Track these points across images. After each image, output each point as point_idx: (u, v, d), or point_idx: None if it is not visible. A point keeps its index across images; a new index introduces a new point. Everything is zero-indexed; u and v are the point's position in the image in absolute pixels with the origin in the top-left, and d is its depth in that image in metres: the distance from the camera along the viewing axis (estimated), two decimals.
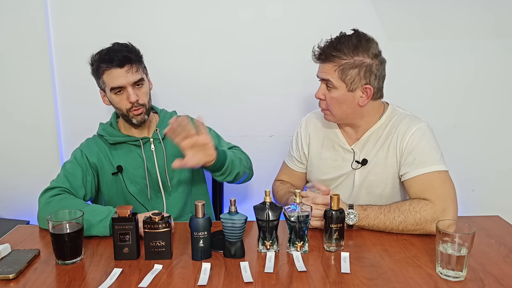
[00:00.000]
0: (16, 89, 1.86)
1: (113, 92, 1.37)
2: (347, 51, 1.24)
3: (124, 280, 0.98)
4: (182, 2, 1.81)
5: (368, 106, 1.31)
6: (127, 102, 1.37)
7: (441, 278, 0.98)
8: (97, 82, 1.42)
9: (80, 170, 1.39)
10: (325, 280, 0.97)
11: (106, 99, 1.44)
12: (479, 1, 1.80)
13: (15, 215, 1.94)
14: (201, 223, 1.06)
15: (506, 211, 1.49)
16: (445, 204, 1.18)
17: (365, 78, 1.26)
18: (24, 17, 1.79)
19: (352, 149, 1.39)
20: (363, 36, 1.25)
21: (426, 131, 1.29)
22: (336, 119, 1.37)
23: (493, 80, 1.89)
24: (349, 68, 1.24)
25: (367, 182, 1.37)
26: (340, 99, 1.29)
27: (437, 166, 1.24)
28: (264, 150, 1.96)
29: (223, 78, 1.88)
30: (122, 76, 1.34)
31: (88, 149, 1.45)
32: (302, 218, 1.07)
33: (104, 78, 1.36)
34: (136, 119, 1.41)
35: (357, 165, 1.38)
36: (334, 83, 1.27)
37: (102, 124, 1.51)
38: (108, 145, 1.45)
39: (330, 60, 1.26)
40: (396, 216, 1.19)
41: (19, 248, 1.14)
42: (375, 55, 1.26)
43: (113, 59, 1.33)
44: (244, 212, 1.09)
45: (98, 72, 1.37)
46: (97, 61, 1.37)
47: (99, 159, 1.43)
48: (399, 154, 1.31)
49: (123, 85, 1.35)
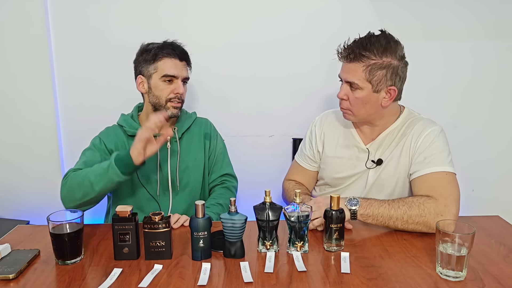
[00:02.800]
0: (16, 90, 1.86)
1: (163, 79, 1.43)
2: (376, 52, 1.24)
3: (124, 280, 0.98)
4: (182, 2, 1.81)
5: (389, 107, 1.33)
6: (171, 92, 1.44)
7: (441, 278, 0.98)
8: (141, 67, 1.46)
9: (98, 155, 1.42)
10: (325, 280, 0.97)
11: (144, 85, 1.47)
12: (478, 1, 1.81)
13: (15, 215, 1.95)
14: (201, 223, 1.06)
15: (506, 211, 1.49)
16: (447, 201, 1.19)
17: (391, 80, 1.27)
18: (24, 17, 1.79)
19: (367, 149, 1.40)
20: (391, 38, 1.27)
21: (440, 134, 1.32)
22: (357, 119, 1.38)
23: (493, 80, 1.89)
24: (377, 69, 1.25)
25: (379, 181, 1.38)
26: (365, 100, 1.29)
27: (445, 167, 1.25)
28: (264, 150, 1.96)
29: (223, 78, 1.89)
30: (179, 67, 1.45)
31: (106, 136, 1.49)
32: (302, 218, 1.07)
33: (160, 63, 1.43)
34: (171, 111, 1.46)
35: (371, 164, 1.39)
36: (359, 84, 1.27)
37: (123, 115, 1.55)
38: (126, 135, 1.49)
39: (359, 59, 1.25)
40: (401, 205, 1.19)
41: (19, 248, 1.13)
42: (401, 57, 1.28)
43: (176, 51, 1.45)
44: (244, 212, 1.09)
45: (155, 56, 1.43)
46: (156, 48, 1.44)
47: (116, 146, 1.47)
48: (411, 154, 1.33)
49: (176, 75, 1.44)
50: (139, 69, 1.48)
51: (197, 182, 1.53)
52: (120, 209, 1.07)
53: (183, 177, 1.50)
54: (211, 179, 1.59)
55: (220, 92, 1.90)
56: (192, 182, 1.52)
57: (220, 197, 1.52)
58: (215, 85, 1.89)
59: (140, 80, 1.48)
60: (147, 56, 1.45)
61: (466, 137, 1.93)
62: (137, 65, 1.49)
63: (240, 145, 1.91)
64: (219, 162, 1.60)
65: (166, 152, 1.48)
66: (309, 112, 1.90)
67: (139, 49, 1.49)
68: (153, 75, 1.44)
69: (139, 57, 1.48)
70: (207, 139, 1.58)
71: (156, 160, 1.46)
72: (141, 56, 1.47)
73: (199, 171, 1.54)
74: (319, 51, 1.85)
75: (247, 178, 1.82)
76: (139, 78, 1.48)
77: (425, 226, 1.18)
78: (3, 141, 1.91)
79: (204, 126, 1.61)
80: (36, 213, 1.77)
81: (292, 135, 1.94)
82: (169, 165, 1.48)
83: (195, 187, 1.53)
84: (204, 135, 1.58)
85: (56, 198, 1.65)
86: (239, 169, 1.68)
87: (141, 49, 1.48)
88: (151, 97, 1.47)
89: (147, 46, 1.47)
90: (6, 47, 1.82)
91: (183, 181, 1.50)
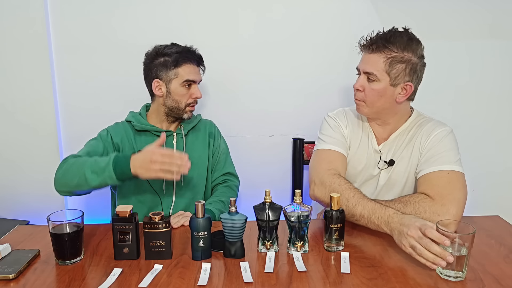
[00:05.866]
0: (16, 90, 1.86)
1: (183, 84, 1.48)
2: (398, 45, 1.26)
3: (124, 280, 0.98)
4: (183, 3, 1.81)
5: (402, 104, 1.35)
6: (190, 97, 1.50)
7: (441, 278, 0.98)
8: (159, 71, 1.47)
9: (102, 145, 1.44)
10: (325, 280, 0.97)
11: (161, 89, 1.49)
12: (475, 2, 1.81)
13: (15, 215, 1.95)
14: (201, 223, 1.06)
15: (506, 211, 1.49)
16: (445, 201, 1.19)
17: (409, 75, 1.29)
18: (24, 17, 1.78)
19: (380, 150, 1.40)
20: (414, 36, 1.29)
21: (449, 134, 1.33)
22: (370, 112, 1.36)
23: (490, 81, 1.90)
24: (397, 62, 1.26)
25: (390, 181, 1.39)
26: (381, 92, 1.30)
27: (448, 166, 1.25)
28: (264, 150, 1.96)
29: (224, 78, 1.88)
30: (197, 73, 1.53)
31: (114, 130, 1.51)
32: (302, 218, 1.07)
33: (182, 69, 1.47)
34: (188, 115, 1.53)
35: (384, 165, 1.39)
36: (378, 76, 1.28)
37: (131, 112, 1.57)
38: (134, 131, 1.52)
39: (381, 50, 1.27)
40: (396, 204, 1.21)
41: (19, 248, 1.13)
42: (421, 56, 1.30)
43: (194, 57, 1.51)
44: (244, 212, 1.09)
45: (177, 62, 1.46)
46: (177, 53, 1.46)
47: (123, 141, 1.49)
48: (420, 154, 1.34)
49: (195, 80, 1.51)
50: (155, 73, 1.48)
51: (200, 178, 1.56)
52: (120, 209, 1.07)
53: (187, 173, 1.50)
54: (214, 177, 1.61)
55: (221, 92, 1.90)
56: (196, 178, 1.54)
57: (222, 195, 1.54)
58: (215, 86, 1.89)
59: (157, 83, 1.48)
60: (167, 61, 1.45)
61: (465, 137, 1.91)
62: (152, 68, 1.48)
63: (240, 145, 1.91)
64: (221, 161, 1.63)
65: (172, 148, 1.51)
66: (310, 112, 1.90)
67: (153, 52, 1.49)
68: (173, 80, 1.47)
69: (154, 60, 1.48)
70: (211, 138, 1.62)
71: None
72: (157, 60, 1.47)
73: (203, 167, 1.57)
74: (320, 52, 1.85)
75: (247, 178, 1.82)
76: (156, 82, 1.48)
77: None
78: (3, 141, 1.91)
79: (209, 126, 1.65)
80: (36, 213, 1.76)
81: (292, 135, 1.94)
82: None
83: (198, 183, 1.55)
84: (208, 134, 1.62)
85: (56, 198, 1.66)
86: (239, 169, 1.69)
87: (155, 52, 1.48)
88: (169, 101, 1.49)
89: (163, 49, 1.47)
90: (6, 46, 1.81)
91: (187, 177, 1.52)
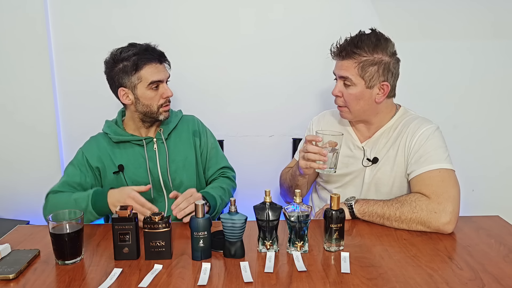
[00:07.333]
0: (16, 90, 1.86)
1: (150, 87, 1.39)
2: (367, 49, 1.28)
3: (124, 280, 0.98)
4: (182, 3, 1.81)
5: (383, 103, 1.36)
6: (161, 98, 1.42)
7: (441, 278, 0.97)
8: (121, 79, 1.38)
9: (78, 172, 1.42)
10: (325, 280, 0.97)
11: (129, 97, 1.41)
12: (478, 1, 1.81)
13: (15, 215, 1.95)
14: (201, 223, 1.06)
15: (506, 211, 1.49)
16: (440, 199, 1.20)
17: (383, 75, 1.30)
18: (24, 17, 1.79)
19: (363, 147, 1.42)
20: (381, 36, 1.31)
21: (435, 132, 1.33)
22: (352, 116, 1.40)
23: (492, 80, 1.89)
24: (368, 65, 1.28)
25: (376, 180, 1.40)
26: (358, 96, 1.32)
27: (439, 165, 1.26)
28: (264, 150, 1.96)
29: (223, 78, 1.89)
30: (162, 71, 1.42)
31: (89, 151, 1.46)
32: (302, 218, 1.07)
33: (144, 72, 1.37)
34: (164, 115, 1.44)
35: (367, 162, 1.40)
36: (353, 80, 1.31)
37: (107, 122, 1.51)
38: (111, 143, 1.46)
39: (351, 56, 1.29)
40: (394, 203, 1.24)
41: (19, 248, 1.13)
42: (392, 54, 1.32)
43: (155, 55, 1.39)
44: (244, 212, 1.09)
45: (137, 66, 1.36)
46: (134, 56, 1.36)
47: (99, 160, 1.44)
48: (407, 153, 1.34)
49: (162, 80, 1.41)
50: (118, 81, 1.39)
51: (190, 180, 1.52)
52: (120, 209, 1.07)
53: (175, 177, 1.49)
54: (209, 174, 1.58)
55: (220, 92, 1.90)
56: (186, 181, 1.50)
57: (222, 182, 1.52)
58: (214, 86, 1.89)
59: (123, 92, 1.40)
60: (126, 66, 1.36)
61: (466, 137, 1.93)
62: (113, 76, 1.39)
63: (240, 145, 1.91)
64: (213, 157, 1.58)
65: (154, 155, 1.47)
66: (309, 113, 1.90)
67: (110, 59, 1.39)
68: (138, 85, 1.38)
69: (113, 68, 1.38)
70: (196, 136, 1.55)
71: (145, 165, 1.46)
72: (116, 67, 1.38)
73: (191, 169, 1.52)
74: (319, 51, 1.83)
75: (247, 178, 1.82)
76: (121, 90, 1.40)
77: (420, 224, 1.19)
78: (3, 141, 1.91)
79: (192, 124, 1.57)
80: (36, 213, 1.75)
81: (292, 135, 1.94)
82: (159, 167, 1.47)
83: (190, 185, 1.50)
84: (192, 132, 1.55)
85: None
86: (239, 169, 1.68)
87: (113, 59, 1.38)
88: (140, 107, 1.41)
89: (119, 54, 1.37)
90: (6, 46, 1.82)
91: (176, 181, 1.49)
